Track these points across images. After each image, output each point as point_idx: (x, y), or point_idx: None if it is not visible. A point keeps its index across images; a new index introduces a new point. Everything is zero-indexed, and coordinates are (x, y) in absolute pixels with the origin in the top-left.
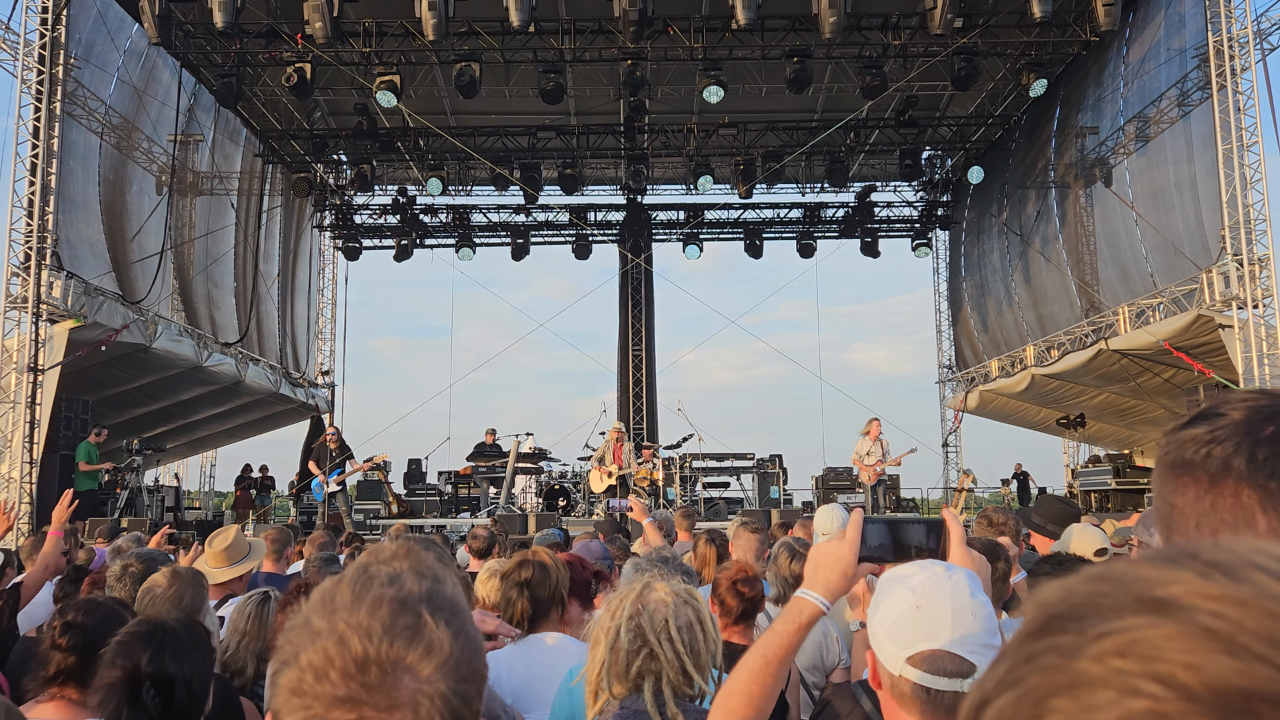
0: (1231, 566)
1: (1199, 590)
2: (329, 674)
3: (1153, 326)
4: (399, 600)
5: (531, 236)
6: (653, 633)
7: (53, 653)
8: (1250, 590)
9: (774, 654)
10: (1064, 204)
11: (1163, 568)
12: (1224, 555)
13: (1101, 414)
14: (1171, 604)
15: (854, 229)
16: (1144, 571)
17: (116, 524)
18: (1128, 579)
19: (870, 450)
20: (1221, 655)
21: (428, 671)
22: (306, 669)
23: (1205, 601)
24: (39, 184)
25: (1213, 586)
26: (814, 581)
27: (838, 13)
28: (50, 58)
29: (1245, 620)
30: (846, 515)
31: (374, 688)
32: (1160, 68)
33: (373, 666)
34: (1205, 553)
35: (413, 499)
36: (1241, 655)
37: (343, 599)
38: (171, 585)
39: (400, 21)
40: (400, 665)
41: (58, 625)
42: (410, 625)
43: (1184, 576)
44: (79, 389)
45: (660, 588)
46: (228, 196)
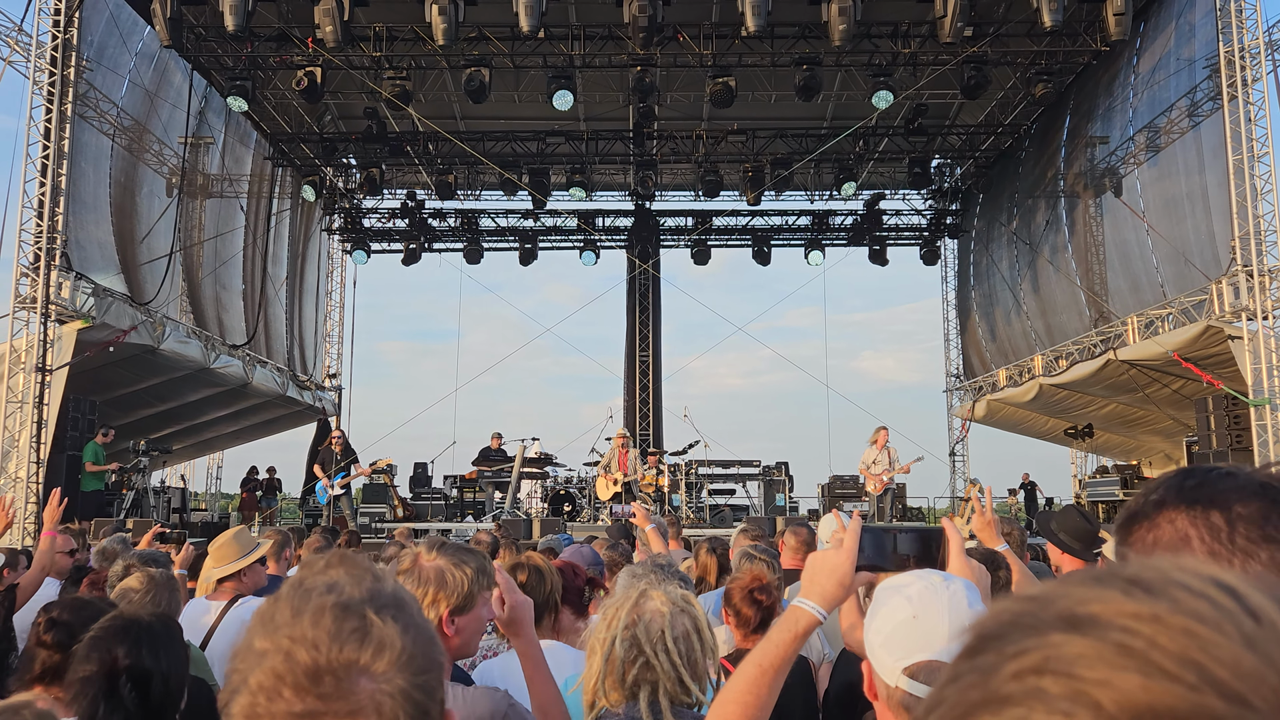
0: (1152, 583)
1: (1118, 608)
2: (281, 691)
3: (1162, 337)
4: (340, 605)
5: (539, 241)
6: (648, 642)
7: (38, 650)
8: (1169, 607)
9: (769, 663)
10: (1073, 213)
11: (1089, 585)
12: (1148, 573)
13: (1109, 424)
14: (1089, 621)
15: (862, 237)
16: (1071, 590)
17: (122, 524)
18: (1054, 598)
19: (877, 459)
20: (1133, 672)
21: (383, 669)
22: (258, 691)
23: (1122, 618)
24: (49, 185)
25: (1131, 604)
26: (810, 590)
27: (847, 20)
28: (62, 59)
29: (1159, 637)
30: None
31: (330, 696)
32: (1171, 78)
33: (325, 675)
34: (1131, 571)
35: (418, 503)
36: (1153, 673)
37: (282, 615)
38: (147, 589)
39: (410, 26)
40: (354, 668)
41: (42, 622)
42: (357, 628)
43: (1107, 594)
44: (87, 389)
45: (657, 596)
46: (237, 199)
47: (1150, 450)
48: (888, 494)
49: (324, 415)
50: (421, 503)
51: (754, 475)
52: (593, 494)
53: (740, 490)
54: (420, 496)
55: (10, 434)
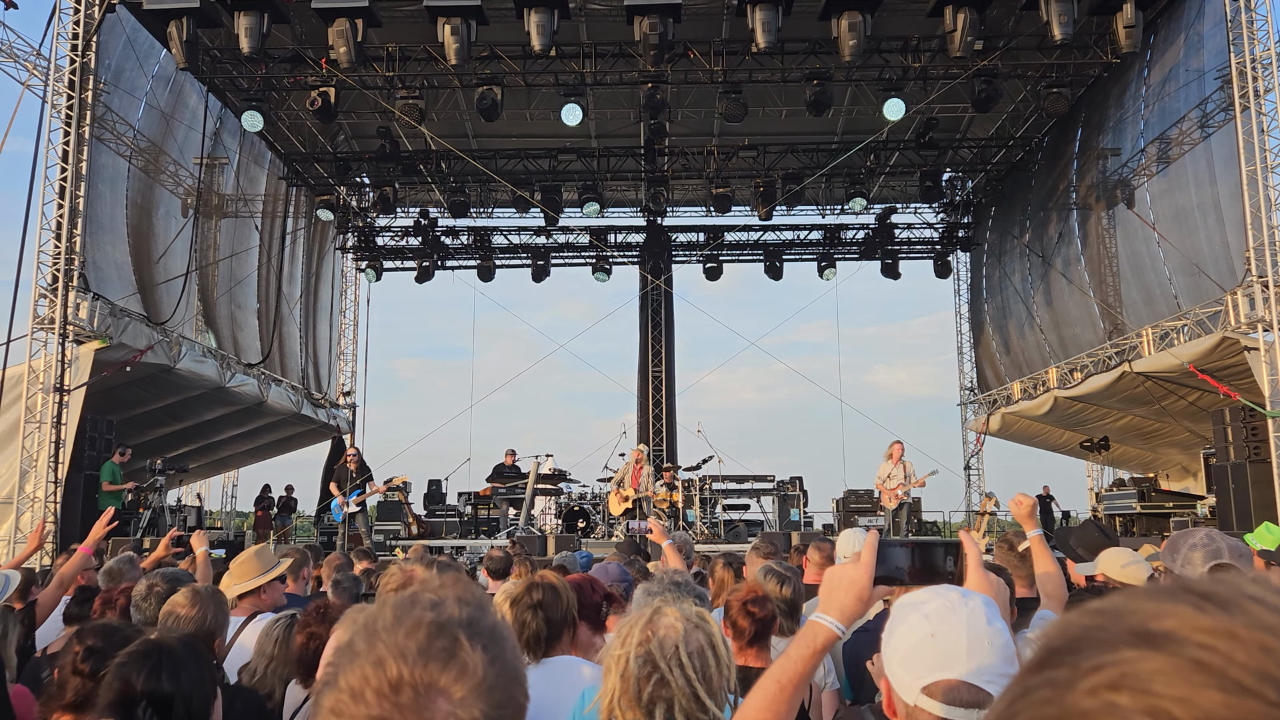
0: (1226, 599)
1: (1192, 623)
2: (365, 694)
3: (1177, 349)
4: (437, 624)
5: (552, 258)
6: (663, 659)
7: (72, 678)
8: (1244, 623)
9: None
10: (1086, 225)
11: (1159, 600)
12: (1220, 588)
13: (1125, 437)
14: (1164, 637)
15: (874, 250)
16: (1140, 604)
17: (139, 543)
18: (1123, 612)
19: (892, 473)
20: (1212, 689)
21: (461, 694)
22: (344, 690)
23: (1197, 634)
24: (67, 207)
25: (1205, 619)
26: (829, 605)
27: (857, 36)
28: (80, 83)
29: (1236, 653)
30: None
31: (407, 709)
32: (1181, 89)
33: (406, 688)
34: (1202, 586)
35: (432, 520)
36: (1232, 689)
37: (384, 621)
38: (194, 605)
39: (423, 46)
40: (434, 688)
41: (79, 650)
42: (446, 648)
43: (1178, 610)
44: (104, 409)
45: (671, 613)
46: (252, 219)
47: (1168, 463)
48: (903, 508)
49: (339, 433)
50: (436, 520)
51: (768, 490)
52: (607, 510)
53: (754, 505)
54: (435, 514)
55: (29, 454)
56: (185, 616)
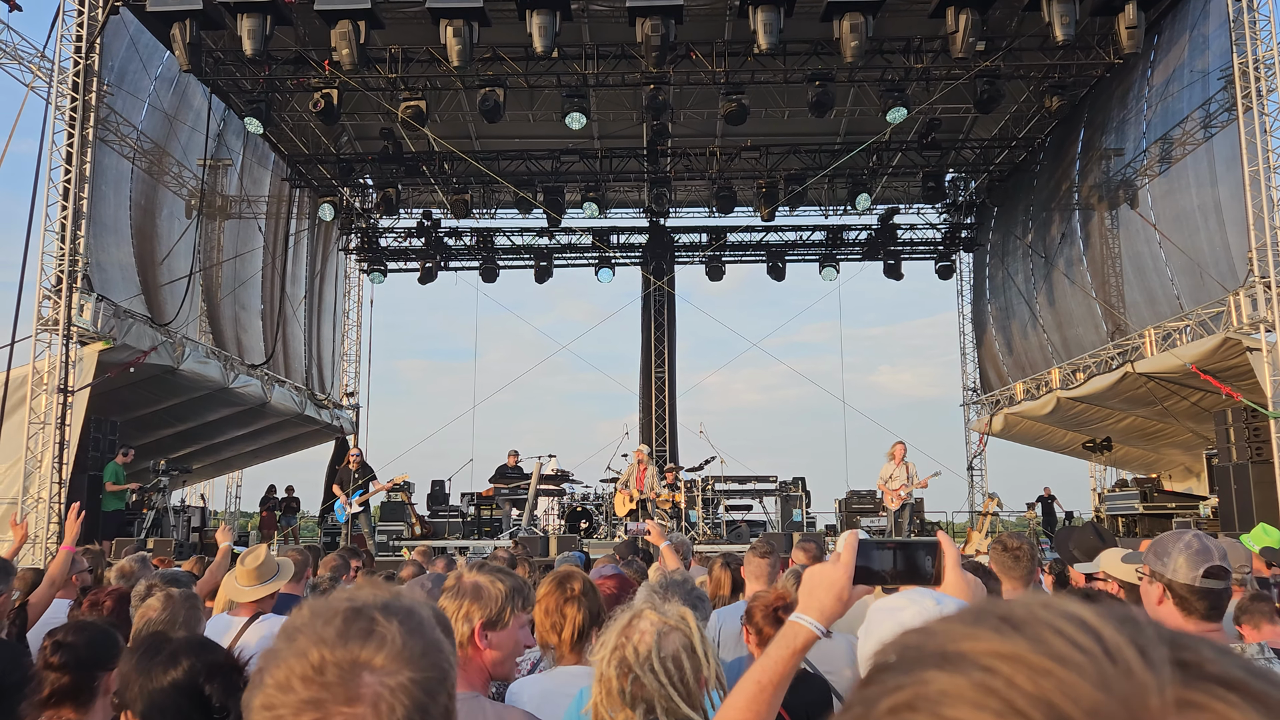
0: (1022, 623)
1: (985, 646)
2: (291, 683)
3: (1179, 349)
4: (352, 609)
5: (555, 259)
6: (637, 664)
7: (46, 673)
8: (1032, 647)
9: (768, 680)
10: (1088, 226)
11: (967, 623)
12: (1019, 610)
13: (1128, 437)
14: (958, 658)
15: (877, 251)
16: (950, 626)
17: (143, 544)
18: (936, 633)
19: (894, 474)
20: (988, 711)
21: (382, 664)
22: (272, 685)
23: (985, 657)
24: (71, 208)
25: (998, 642)
26: (808, 606)
27: (859, 37)
28: (84, 84)
29: (1017, 677)
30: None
31: (334, 685)
32: (1184, 90)
33: (330, 667)
34: (1005, 609)
35: (435, 520)
36: (1006, 711)
37: (301, 619)
38: (165, 608)
39: (425, 47)
40: (356, 663)
41: (48, 645)
42: (363, 627)
43: (978, 632)
44: (108, 410)
45: (648, 617)
46: (255, 220)
47: (1170, 463)
48: (905, 509)
49: (342, 434)
50: (439, 520)
51: (770, 491)
52: (609, 510)
53: (757, 506)
54: (438, 514)
55: (34, 454)
56: (156, 619)
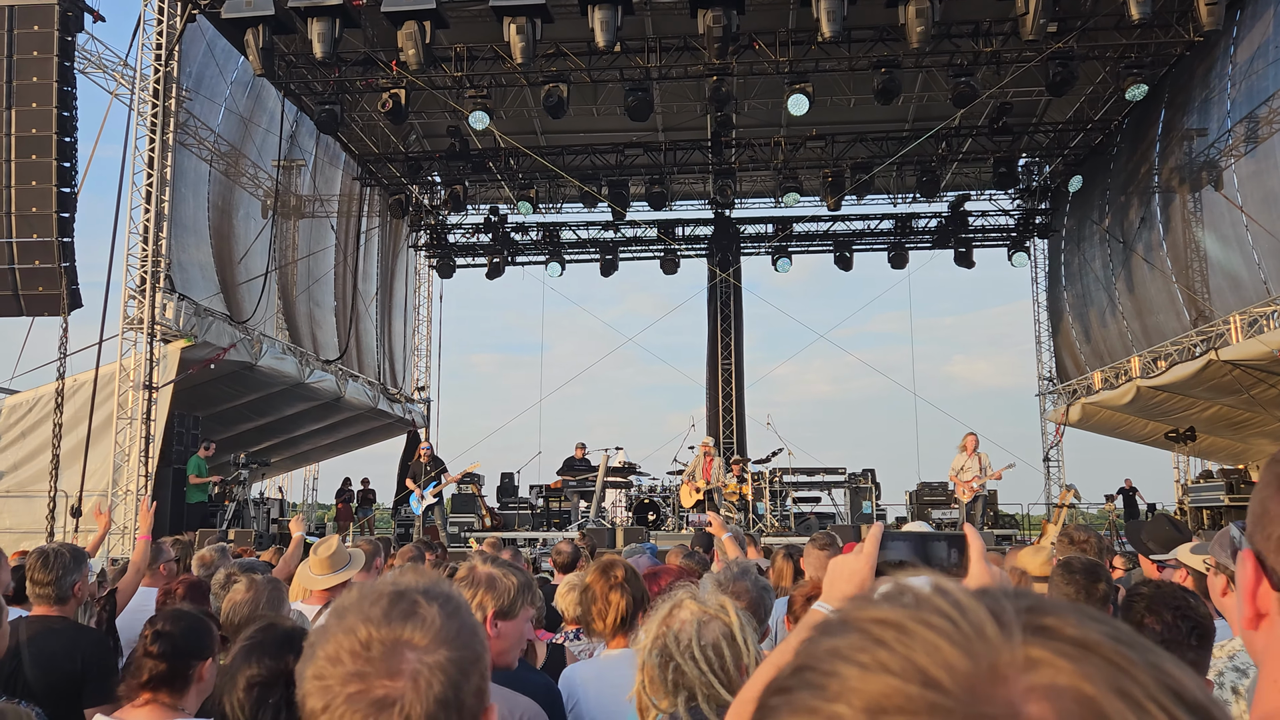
0: (902, 596)
1: (870, 614)
2: (340, 657)
3: (1267, 336)
4: (396, 592)
5: (620, 252)
6: (677, 652)
7: (144, 660)
8: (904, 614)
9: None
10: (1168, 210)
11: (869, 600)
12: (908, 588)
13: (1213, 427)
14: (847, 625)
15: (947, 239)
16: (858, 600)
17: (224, 535)
18: (845, 607)
19: (966, 465)
20: (853, 665)
21: (423, 643)
22: (323, 658)
23: (866, 623)
24: (153, 211)
25: (879, 611)
26: (830, 595)
27: (925, 22)
28: (164, 91)
29: (886, 637)
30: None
31: (377, 660)
32: (1270, 66)
33: (375, 644)
34: (901, 586)
35: (505, 512)
36: (873, 667)
37: (350, 600)
38: (249, 591)
39: (490, 45)
40: (399, 641)
41: (149, 633)
42: (406, 609)
43: (872, 604)
44: (190, 406)
45: (688, 606)
46: (328, 218)
47: (1259, 454)
48: (978, 501)
49: (414, 427)
50: (509, 512)
51: (839, 483)
52: (676, 502)
53: (826, 498)
54: (507, 506)
55: (122, 449)
56: (240, 600)
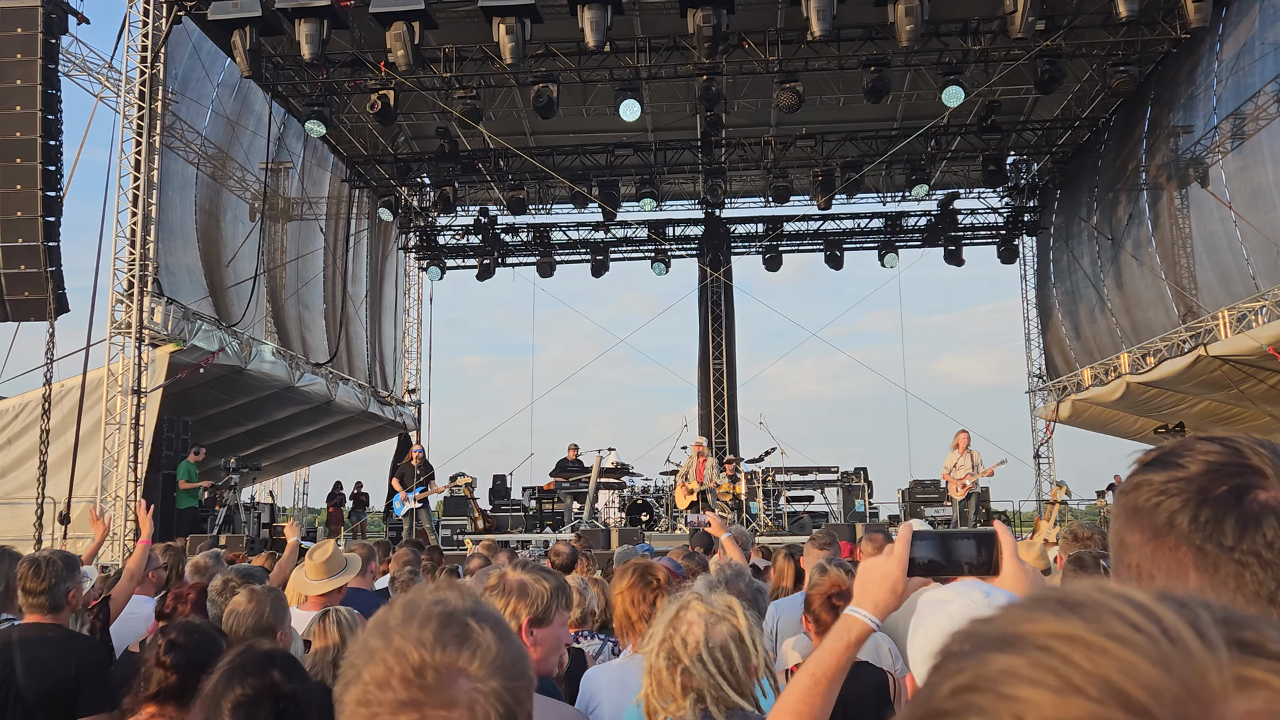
0: (1080, 604)
1: (1043, 627)
2: (390, 682)
3: (1256, 331)
4: (446, 614)
5: (611, 253)
6: (685, 654)
7: (155, 670)
8: (1086, 627)
9: (823, 673)
10: (1157, 206)
11: (1028, 608)
12: (1077, 594)
13: (1203, 422)
14: (1016, 639)
15: (937, 237)
16: (1012, 611)
17: (215, 540)
18: (997, 619)
19: (959, 463)
20: (1045, 688)
21: (479, 671)
22: (370, 682)
23: (1042, 637)
24: (140, 214)
25: (1056, 624)
26: (863, 599)
27: (914, 20)
28: (150, 93)
29: (1074, 655)
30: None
31: (432, 689)
32: (1256, 63)
33: (429, 670)
34: (1065, 593)
35: (498, 514)
36: (1064, 688)
37: (395, 619)
38: (250, 602)
39: (479, 46)
40: (454, 668)
41: (162, 644)
42: (459, 633)
43: (1038, 615)
44: (179, 410)
45: (696, 607)
46: (316, 221)
47: None
48: (971, 498)
49: (405, 430)
50: (501, 514)
51: (832, 481)
52: (670, 503)
53: (819, 497)
54: (500, 508)
55: (110, 454)
56: (244, 612)
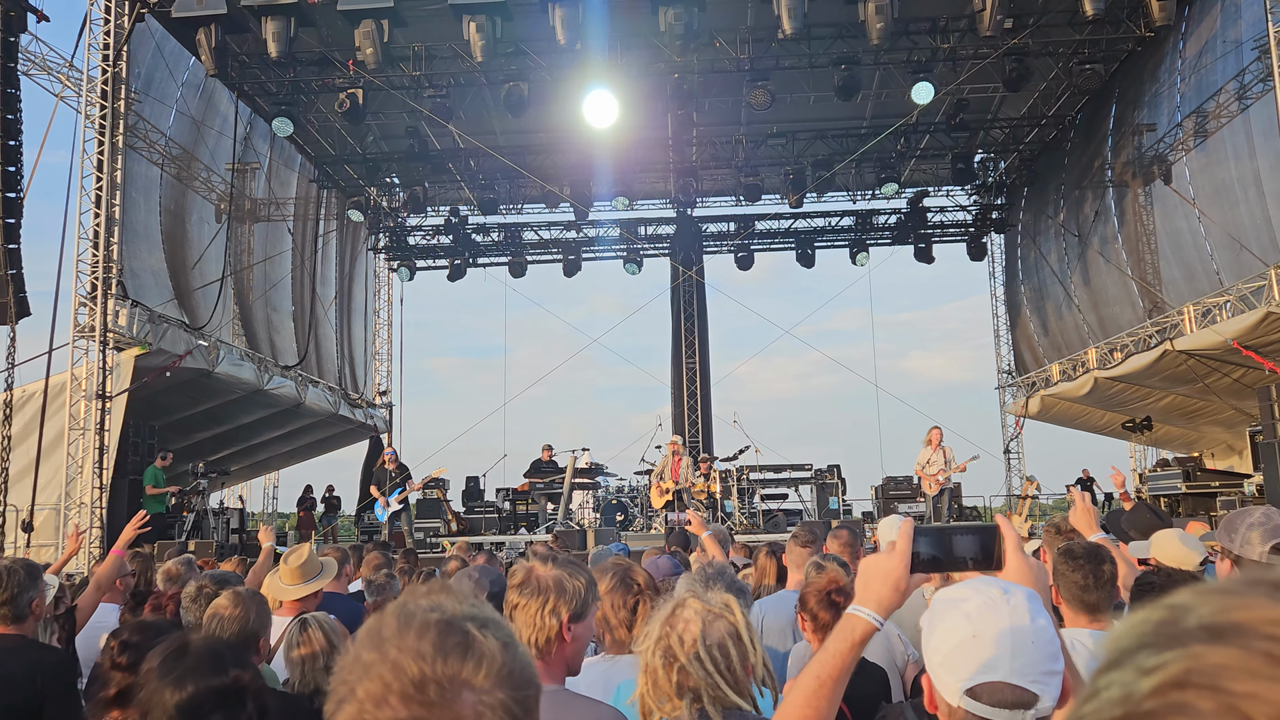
0: None
1: (1262, 615)
2: (388, 699)
3: (1220, 325)
4: (444, 622)
5: (583, 253)
6: (682, 653)
7: (112, 673)
8: None
9: (828, 675)
10: (1122, 203)
11: (1230, 593)
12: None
13: (1168, 416)
14: (1233, 629)
15: (907, 235)
16: (1210, 597)
17: (184, 546)
18: (1192, 606)
19: (932, 459)
20: (1278, 684)
21: (484, 682)
22: (365, 699)
23: (1267, 625)
24: (103, 216)
25: (1277, 610)
26: (865, 597)
27: (885, 18)
28: (112, 92)
29: None
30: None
31: (435, 705)
32: (1218, 61)
33: (430, 685)
34: (1275, 576)
35: (471, 516)
36: None
37: (389, 629)
38: (235, 606)
39: (449, 44)
40: (456, 680)
41: (115, 645)
42: (460, 642)
43: (1251, 600)
44: (145, 415)
45: (692, 605)
46: (284, 222)
47: (1213, 441)
48: (944, 494)
49: (376, 433)
50: (475, 516)
51: (806, 479)
52: (645, 502)
53: (793, 494)
54: (473, 510)
55: (74, 460)
56: (229, 617)
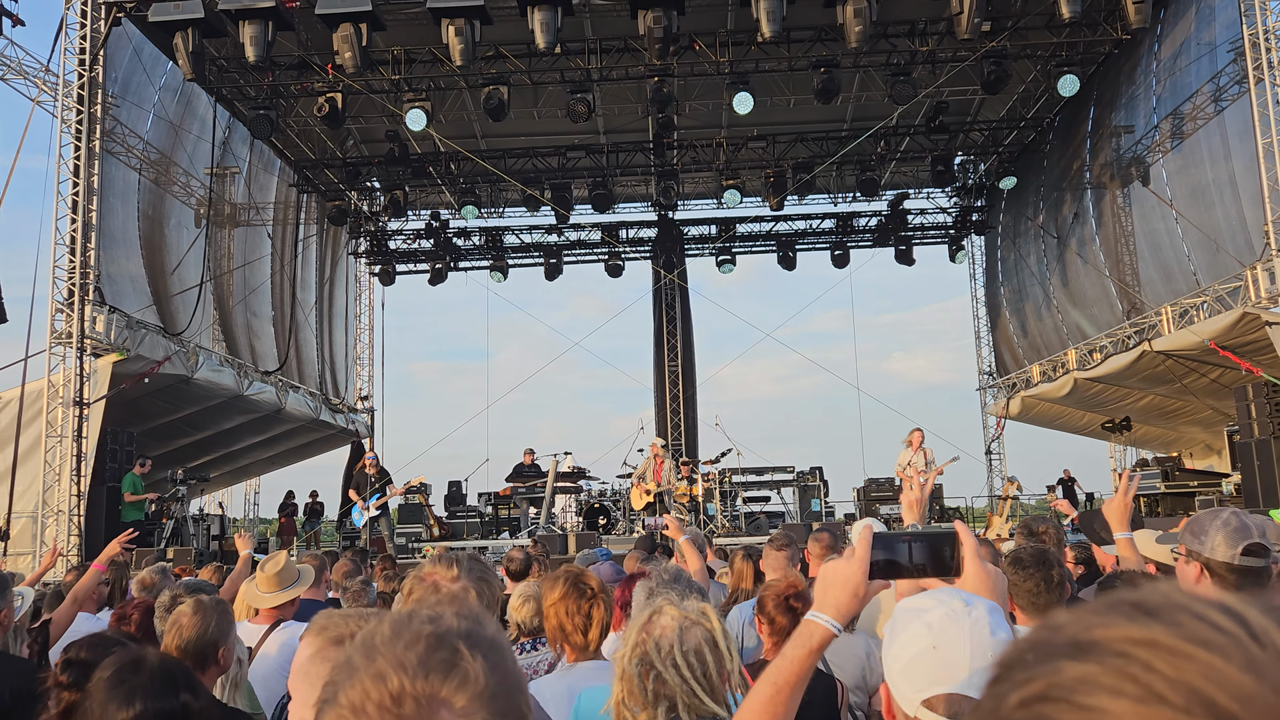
0: (1156, 609)
1: (1119, 633)
2: (366, 708)
3: (1197, 326)
4: (436, 635)
5: (564, 256)
6: (658, 659)
7: (55, 690)
8: (1167, 632)
9: (785, 681)
10: (1100, 205)
11: (1098, 612)
12: (1154, 598)
13: (1148, 416)
14: (1091, 646)
15: (887, 237)
16: (1080, 617)
17: (162, 554)
18: (1065, 625)
19: (912, 460)
20: (1126, 697)
21: (463, 704)
22: (345, 706)
23: (1120, 643)
24: (80, 221)
25: (1133, 629)
26: (824, 603)
27: (863, 21)
28: (89, 97)
29: (1154, 661)
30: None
31: (409, 719)
32: (1193, 64)
33: (408, 699)
34: (1138, 595)
35: (453, 521)
36: (1146, 696)
37: (382, 636)
38: (195, 614)
39: (428, 48)
40: (435, 699)
41: (60, 662)
42: (446, 659)
43: (1111, 619)
44: (124, 421)
45: (669, 611)
46: (264, 227)
47: (1191, 441)
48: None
49: (358, 438)
50: (457, 521)
51: (788, 481)
52: (627, 506)
53: (775, 497)
54: (455, 514)
55: (51, 468)
56: (187, 624)
